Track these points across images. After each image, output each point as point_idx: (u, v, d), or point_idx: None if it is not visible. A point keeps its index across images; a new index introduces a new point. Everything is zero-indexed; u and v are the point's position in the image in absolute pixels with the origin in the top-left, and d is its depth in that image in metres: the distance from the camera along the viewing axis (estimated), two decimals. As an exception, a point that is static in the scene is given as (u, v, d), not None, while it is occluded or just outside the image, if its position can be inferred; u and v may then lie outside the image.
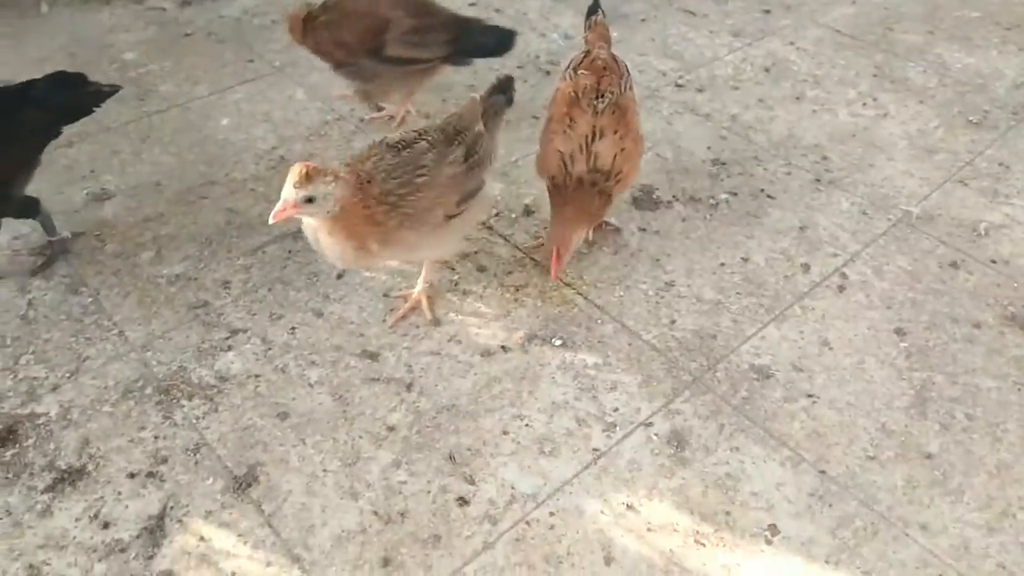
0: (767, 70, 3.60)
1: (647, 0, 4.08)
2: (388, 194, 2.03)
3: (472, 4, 3.93)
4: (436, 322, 2.39)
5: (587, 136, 2.32)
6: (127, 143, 2.98)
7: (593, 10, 2.71)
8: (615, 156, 2.33)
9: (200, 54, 3.50)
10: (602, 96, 2.37)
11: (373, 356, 2.30)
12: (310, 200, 1.89)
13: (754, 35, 3.84)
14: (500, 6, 3.95)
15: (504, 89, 2.45)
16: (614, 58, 2.53)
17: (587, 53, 2.53)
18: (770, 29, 3.89)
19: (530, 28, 3.80)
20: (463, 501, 1.97)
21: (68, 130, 2.99)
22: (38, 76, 2.37)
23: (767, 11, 4.04)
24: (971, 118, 3.32)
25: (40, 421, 2.09)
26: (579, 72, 2.42)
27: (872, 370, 2.32)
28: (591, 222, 2.45)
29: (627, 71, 2.53)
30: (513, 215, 2.80)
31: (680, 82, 3.50)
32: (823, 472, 2.05)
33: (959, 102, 3.42)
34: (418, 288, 2.43)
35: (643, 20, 3.91)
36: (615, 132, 2.34)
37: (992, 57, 3.71)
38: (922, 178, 3.01)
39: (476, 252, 2.64)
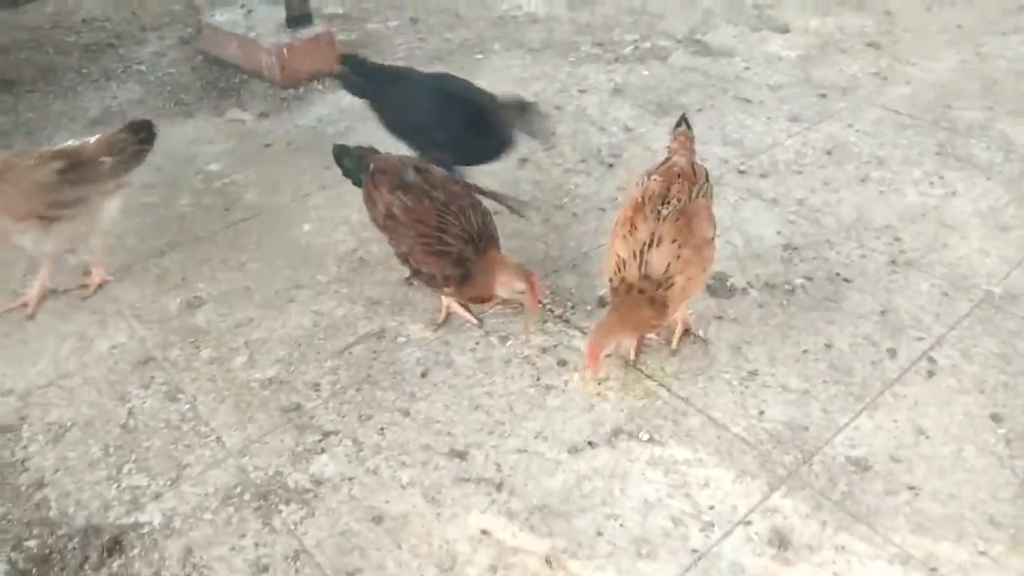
0: (829, 153, 3.64)
1: (703, 90, 4.19)
2: None
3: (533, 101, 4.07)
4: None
5: (644, 243, 2.33)
6: (216, 251, 3.12)
7: (679, 123, 2.74)
8: (669, 264, 2.31)
9: (280, 163, 3.68)
10: (668, 203, 2.37)
11: (461, 455, 2.32)
12: None
13: (812, 119, 3.90)
14: (560, 103, 4.09)
15: (138, 130, 2.92)
16: (693, 166, 2.54)
17: (666, 160, 2.56)
18: (827, 112, 3.95)
19: (590, 123, 3.92)
20: (564, 607, 1.94)
21: (159, 240, 3.19)
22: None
23: (823, 95, 4.11)
24: (1042, 192, 3.30)
25: (144, 530, 2.14)
26: (651, 178, 2.45)
27: (972, 459, 2.26)
28: (635, 330, 2.41)
29: (706, 179, 2.53)
30: (588, 307, 2.84)
31: (742, 168, 3.56)
32: (934, 570, 1.99)
33: (1028, 177, 3.41)
34: None
35: (700, 110, 4.01)
36: (673, 240, 2.32)
37: (1057, 130, 3.70)
38: (999, 256, 2.98)
39: (555, 346, 2.67)
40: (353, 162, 2.83)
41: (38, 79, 4.44)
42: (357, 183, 2.82)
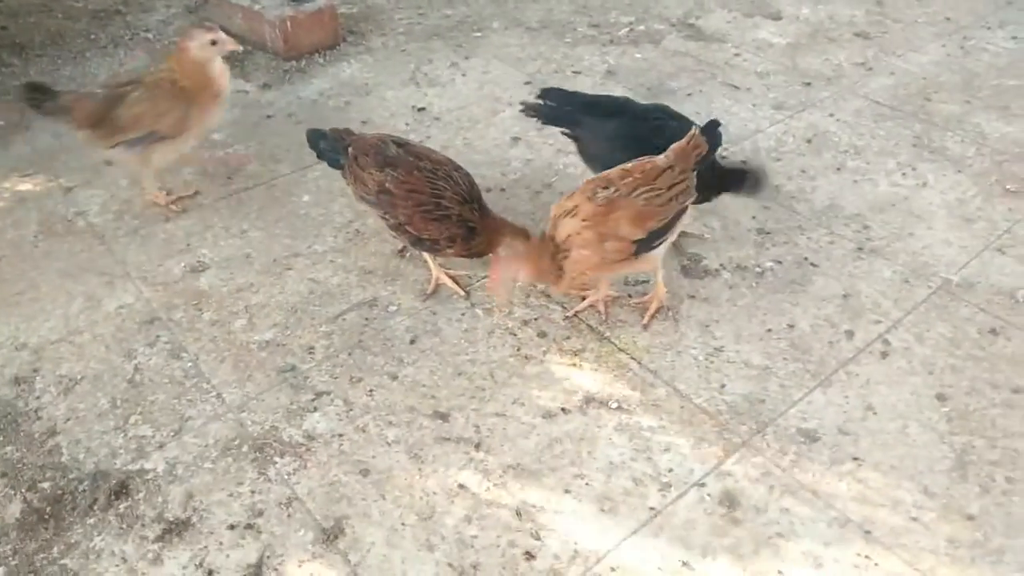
0: (809, 141, 3.79)
1: (693, 75, 4.32)
2: None
3: (527, 83, 4.21)
4: None
5: (566, 209, 2.52)
6: (219, 218, 3.28)
7: (700, 127, 2.65)
8: (568, 236, 2.49)
9: (281, 134, 3.82)
10: (608, 188, 2.49)
11: (444, 417, 2.51)
12: None
13: (795, 107, 4.04)
14: (554, 85, 4.20)
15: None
16: (666, 170, 2.51)
17: (654, 159, 2.55)
18: (811, 101, 4.09)
19: (582, 104, 4.05)
20: (530, 555, 2.14)
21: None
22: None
23: (808, 83, 4.24)
24: (1009, 187, 3.46)
25: (149, 476, 2.33)
26: (631, 165, 2.56)
27: (915, 434, 2.44)
28: (534, 270, 2.60)
29: (669, 187, 2.50)
30: (570, 283, 3.00)
31: (724, 154, 3.70)
32: (868, 532, 2.18)
33: (997, 171, 3.56)
34: None
35: (688, 95, 4.14)
36: (584, 219, 2.46)
37: (1029, 126, 3.84)
38: (961, 247, 3.15)
39: (536, 319, 2.85)
40: (329, 144, 2.90)
41: (47, 44, 4.56)
42: (334, 164, 2.91)
